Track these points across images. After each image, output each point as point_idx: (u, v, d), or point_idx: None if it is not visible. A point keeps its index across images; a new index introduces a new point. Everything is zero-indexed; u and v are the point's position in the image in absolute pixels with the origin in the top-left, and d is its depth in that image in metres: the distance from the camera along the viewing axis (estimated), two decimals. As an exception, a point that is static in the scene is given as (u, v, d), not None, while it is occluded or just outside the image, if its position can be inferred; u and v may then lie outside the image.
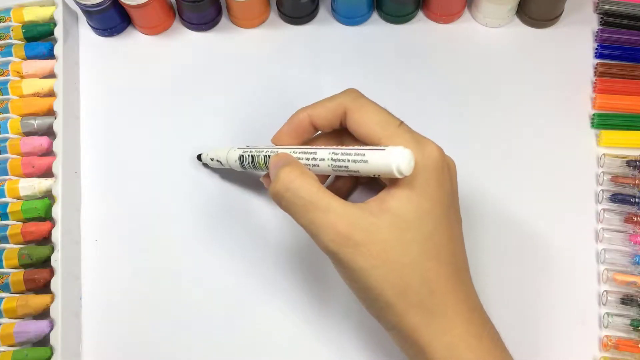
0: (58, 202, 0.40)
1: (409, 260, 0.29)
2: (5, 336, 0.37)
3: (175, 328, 0.39)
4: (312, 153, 0.31)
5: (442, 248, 0.29)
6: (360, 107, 0.31)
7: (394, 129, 0.30)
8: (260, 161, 0.34)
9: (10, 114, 0.43)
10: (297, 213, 0.30)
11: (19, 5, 0.46)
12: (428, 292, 0.29)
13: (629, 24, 0.45)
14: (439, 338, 0.29)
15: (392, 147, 0.29)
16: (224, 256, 0.40)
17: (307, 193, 0.29)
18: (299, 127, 0.34)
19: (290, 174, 0.30)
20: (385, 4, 0.45)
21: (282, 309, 0.39)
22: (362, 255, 0.28)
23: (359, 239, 0.28)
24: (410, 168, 0.28)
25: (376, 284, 0.29)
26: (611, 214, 0.40)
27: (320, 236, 0.29)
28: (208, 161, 0.40)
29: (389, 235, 0.28)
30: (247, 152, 0.36)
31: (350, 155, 0.30)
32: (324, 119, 0.33)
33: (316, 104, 0.33)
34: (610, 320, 0.37)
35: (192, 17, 0.45)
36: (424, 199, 0.29)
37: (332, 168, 0.31)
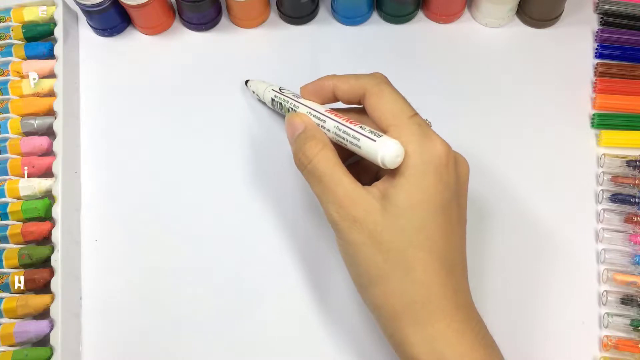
0: (58, 202, 0.40)
1: (397, 246, 0.30)
2: (5, 336, 0.37)
3: (175, 328, 0.39)
4: (322, 120, 0.34)
5: (435, 241, 0.30)
6: (378, 92, 0.32)
7: (404, 119, 0.31)
8: (285, 109, 0.38)
9: (10, 114, 0.43)
10: (313, 182, 0.32)
11: (19, 5, 0.46)
12: (411, 281, 0.29)
13: (629, 24, 0.45)
14: (418, 330, 0.29)
15: (384, 138, 0.30)
16: (223, 256, 0.40)
17: (325, 167, 0.32)
18: (322, 91, 0.35)
19: (314, 148, 0.32)
20: (385, 4, 0.45)
21: (282, 309, 0.39)
22: (356, 230, 0.30)
23: (357, 215, 0.30)
24: (396, 162, 0.30)
25: (363, 260, 0.30)
26: (611, 214, 0.40)
27: (327, 205, 0.31)
28: (251, 91, 0.43)
29: (382, 219, 0.30)
30: (277, 97, 0.39)
31: (349, 136, 0.32)
32: (345, 93, 0.34)
33: (343, 76, 0.35)
34: (610, 320, 0.37)
35: (192, 17, 0.45)
36: (418, 191, 0.30)
37: (336, 140, 0.33)
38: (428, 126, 0.31)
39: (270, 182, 0.42)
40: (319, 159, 0.32)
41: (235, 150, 0.43)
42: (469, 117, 0.43)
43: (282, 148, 0.42)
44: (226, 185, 0.42)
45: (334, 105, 0.36)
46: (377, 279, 0.30)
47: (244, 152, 0.43)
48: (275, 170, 0.42)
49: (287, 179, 0.41)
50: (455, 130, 0.42)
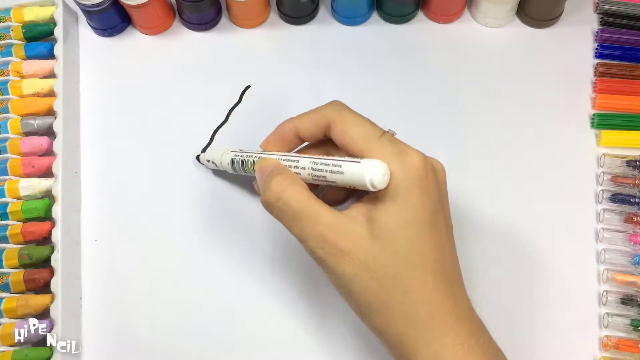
0: (58, 202, 0.40)
1: (392, 270, 0.29)
2: (5, 336, 0.37)
3: (175, 327, 0.39)
4: (295, 161, 0.32)
5: (428, 256, 0.29)
6: (343, 119, 0.32)
7: (375, 140, 0.30)
8: (249, 165, 0.35)
9: (10, 114, 0.43)
10: (287, 222, 0.31)
11: (19, 5, 0.46)
12: (411, 302, 0.29)
13: (629, 24, 0.45)
14: (424, 348, 0.29)
15: (367, 160, 0.29)
16: (223, 256, 0.40)
17: (297, 203, 0.30)
18: (284, 137, 0.35)
19: (282, 183, 0.31)
20: (385, 4, 0.45)
21: (281, 307, 0.39)
22: (346, 263, 0.29)
23: (345, 247, 0.29)
24: (384, 182, 0.29)
25: (358, 290, 0.30)
26: (611, 214, 0.40)
27: (309, 243, 0.30)
28: (205, 162, 0.41)
29: (372, 246, 0.29)
30: (239, 156, 0.37)
31: (328, 166, 0.30)
32: (308, 130, 0.33)
33: (301, 115, 0.34)
34: (610, 320, 0.37)
35: (192, 17, 0.45)
36: (406, 209, 0.29)
37: (313, 177, 0.31)
38: (398, 140, 0.31)
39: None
40: (290, 194, 0.30)
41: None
42: (469, 117, 0.43)
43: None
44: (226, 184, 0.42)
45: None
46: (376, 305, 0.30)
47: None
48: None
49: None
50: (455, 130, 0.43)
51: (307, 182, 0.32)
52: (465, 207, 0.40)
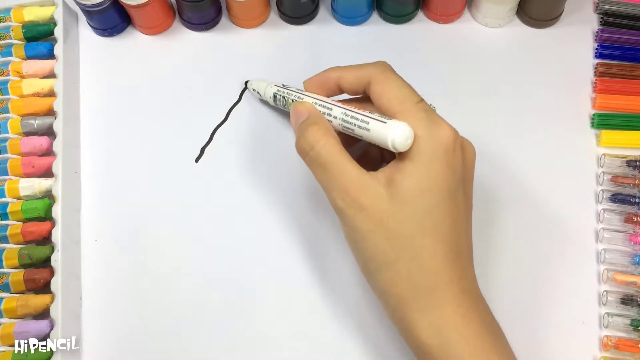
0: (58, 202, 0.40)
1: (404, 233, 0.30)
2: (5, 336, 0.37)
3: (175, 328, 0.39)
4: (328, 108, 0.33)
5: (442, 226, 0.30)
6: (384, 79, 0.32)
7: (411, 105, 0.31)
8: (288, 103, 0.38)
9: (10, 114, 0.43)
10: (316, 170, 0.32)
11: (19, 5, 0.46)
12: (418, 266, 0.30)
13: (629, 24, 0.45)
14: (425, 314, 0.30)
15: (393, 122, 0.30)
16: (223, 256, 0.40)
17: (328, 154, 0.31)
18: (326, 84, 0.35)
19: (316, 133, 0.32)
20: (385, 4, 0.45)
21: (282, 307, 0.39)
22: (363, 218, 0.30)
23: (364, 203, 0.30)
24: (406, 145, 0.29)
25: (369, 246, 0.30)
26: (611, 214, 0.40)
27: (332, 192, 0.31)
28: (251, 90, 0.43)
29: (389, 206, 0.30)
30: (280, 91, 0.39)
31: (357, 120, 0.31)
32: (350, 83, 0.34)
33: (347, 67, 0.35)
34: (610, 320, 0.37)
35: (192, 17, 0.45)
36: (427, 176, 0.30)
37: (342, 127, 0.33)
38: (434, 112, 0.31)
39: (271, 179, 0.42)
40: (322, 145, 0.31)
41: (235, 149, 0.43)
42: (469, 117, 0.43)
43: (282, 146, 0.42)
44: (226, 183, 0.42)
45: (338, 98, 0.36)
46: (383, 265, 0.30)
47: (244, 150, 0.43)
48: (276, 168, 0.42)
49: (287, 177, 0.42)
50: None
51: (339, 130, 0.33)
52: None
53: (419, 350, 0.30)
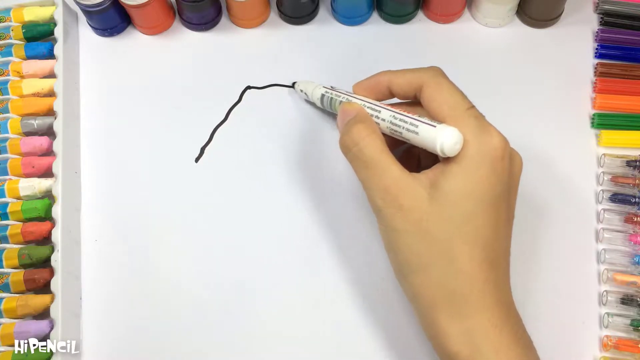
0: (58, 202, 0.40)
1: (443, 236, 0.29)
2: (5, 336, 0.37)
3: (175, 328, 0.39)
4: (377, 110, 0.34)
5: (482, 234, 0.29)
6: (436, 84, 0.32)
7: (462, 111, 0.31)
8: (336, 105, 0.38)
9: (10, 114, 0.43)
10: (358, 167, 0.32)
11: (19, 5, 0.46)
12: (454, 272, 0.29)
13: (629, 24, 0.45)
14: (456, 321, 0.29)
15: (443, 126, 0.30)
16: (223, 255, 0.40)
17: (371, 152, 0.31)
18: (376, 87, 0.36)
19: (362, 131, 0.32)
20: (385, 4, 0.45)
21: (282, 308, 0.39)
22: (401, 218, 0.30)
23: (403, 203, 0.30)
24: (454, 150, 0.29)
25: (404, 248, 0.30)
26: (611, 214, 0.40)
27: (372, 191, 0.31)
28: (298, 91, 0.43)
29: (429, 208, 0.30)
30: (328, 93, 0.39)
31: (406, 123, 0.32)
32: (401, 87, 0.34)
33: (398, 71, 0.35)
34: (610, 320, 0.37)
35: (192, 17, 0.45)
36: (471, 182, 0.29)
37: (390, 130, 0.33)
38: (485, 119, 0.31)
39: (271, 179, 0.42)
40: (367, 143, 0.31)
41: (235, 149, 0.43)
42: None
43: (282, 146, 0.42)
44: (226, 183, 0.42)
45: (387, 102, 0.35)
46: (418, 267, 0.30)
47: (244, 150, 0.43)
48: (276, 167, 0.42)
49: (287, 177, 0.42)
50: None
51: (386, 133, 0.33)
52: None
53: (446, 357, 0.30)
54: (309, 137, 0.43)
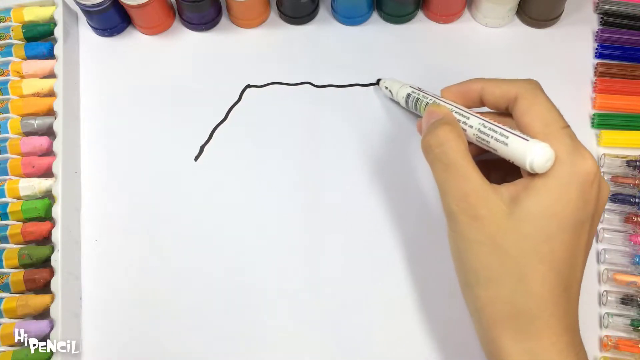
0: (58, 202, 0.40)
1: (516, 253, 0.28)
2: (5, 336, 0.37)
3: (175, 328, 0.39)
4: (465, 117, 0.33)
5: (559, 257, 0.28)
6: (533, 98, 0.31)
7: (556, 129, 0.30)
8: (422, 106, 0.37)
9: (10, 114, 0.43)
10: (438, 169, 0.31)
11: (19, 5, 0.46)
12: (524, 291, 0.28)
13: (629, 24, 0.45)
14: (519, 342, 0.28)
15: (535, 141, 0.29)
16: (223, 255, 0.40)
17: (455, 156, 0.30)
18: (467, 94, 0.35)
19: (448, 133, 0.31)
20: (385, 4, 0.45)
21: (283, 308, 0.39)
22: (476, 227, 0.29)
23: (480, 213, 0.29)
24: (545, 167, 0.28)
25: (474, 258, 0.29)
26: (611, 214, 0.40)
27: (449, 196, 0.30)
28: (383, 88, 0.43)
29: (507, 222, 0.29)
30: (415, 93, 0.38)
31: (496, 133, 0.31)
32: (494, 97, 0.33)
33: (492, 80, 0.34)
34: (610, 320, 0.37)
35: (192, 17, 0.45)
36: (556, 203, 0.28)
37: (476, 138, 0.32)
38: (579, 141, 0.30)
39: (270, 178, 0.42)
40: (451, 146, 0.30)
41: (235, 148, 0.43)
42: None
43: (282, 145, 0.42)
44: (225, 181, 0.42)
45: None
46: (486, 281, 0.29)
47: (243, 149, 0.43)
48: (275, 166, 0.42)
49: (287, 176, 0.42)
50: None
51: (471, 141, 0.32)
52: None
53: None
54: (309, 136, 0.43)
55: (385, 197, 0.41)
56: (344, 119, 0.43)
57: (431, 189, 0.41)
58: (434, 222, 0.40)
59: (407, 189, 0.41)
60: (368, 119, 0.43)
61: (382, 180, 0.41)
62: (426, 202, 0.40)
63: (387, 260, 0.39)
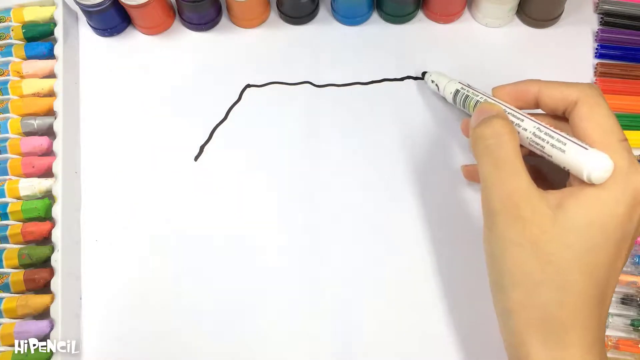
0: (58, 202, 0.40)
1: (559, 261, 0.28)
2: (5, 336, 0.37)
3: (175, 328, 0.39)
4: (519, 119, 0.32)
5: (600, 268, 0.28)
6: (594, 104, 0.30)
7: (614, 141, 0.29)
8: (471, 104, 0.36)
9: (10, 114, 0.43)
10: (487, 161, 0.30)
11: (19, 5, 0.46)
12: (561, 301, 0.28)
13: (629, 24, 0.45)
14: (548, 349, 0.28)
15: (595, 151, 0.28)
16: (224, 255, 0.40)
17: (508, 151, 0.30)
18: (522, 95, 0.34)
19: (504, 127, 0.30)
20: (385, 4, 0.45)
21: (284, 308, 0.39)
22: (517, 228, 0.28)
23: (524, 214, 0.28)
24: (602, 179, 0.28)
25: (511, 260, 0.29)
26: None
27: (493, 191, 0.30)
28: (429, 81, 0.42)
29: (551, 228, 0.28)
30: (464, 90, 0.37)
31: (552, 138, 0.30)
32: (552, 99, 0.32)
33: (551, 82, 0.33)
34: (610, 320, 0.37)
35: (192, 17, 0.45)
36: (605, 215, 0.28)
37: (529, 142, 0.31)
38: (634, 156, 0.29)
39: (270, 178, 0.42)
40: (506, 140, 0.30)
41: (235, 148, 0.43)
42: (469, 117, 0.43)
43: (281, 145, 0.42)
44: (225, 182, 0.42)
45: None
46: (522, 284, 0.28)
47: (243, 149, 0.43)
48: (275, 166, 0.42)
49: (286, 175, 0.42)
50: (454, 129, 0.43)
51: (523, 144, 0.31)
52: (463, 207, 0.40)
53: None
54: (309, 135, 0.43)
55: (385, 197, 0.41)
56: (344, 119, 0.43)
57: (433, 188, 0.41)
58: (434, 221, 0.40)
59: (407, 188, 0.41)
60: (368, 119, 0.43)
61: (382, 180, 0.41)
62: (427, 202, 0.40)
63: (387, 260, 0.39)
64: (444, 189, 0.41)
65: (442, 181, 0.41)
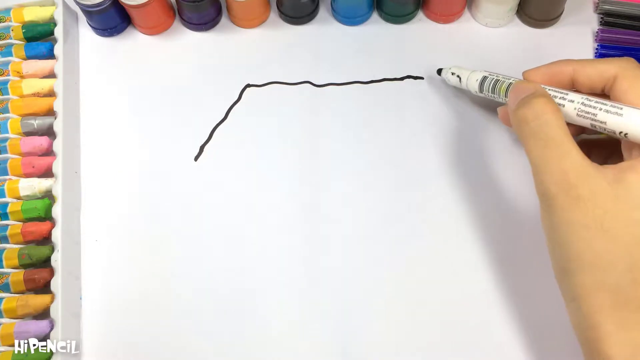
0: (58, 202, 0.40)
1: (627, 239, 0.27)
2: (5, 336, 0.37)
3: (175, 328, 0.39)
4: (563, 92, 0.31)
5: None
6: (634, 77, 0.29)
7: None
8: (502, 87, 0.34)
9: (10, 114, 0.43)
10: (534, 144, 0.29)
11: (19, 5, 0.46)
12: (631, 280, 0.27)
13: (629, 24, 0.45)
14: (622, 330, 0.27)
15: None
16: (224, 255, 0.40)
17: (555, 130, 0.28)
18: (556, 76, 0.33)
19: (545, 105, 0.29)
20: (385, 4, 0.45)
21: (285, 308, 0.39)
22: (580, 209, 0.27)
23: (583, 194, 0.27)
24: None
25: (577, 243, 0.28)
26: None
27: (545, 175, 0.28)
28: (448, 76, 0.41)
29: (613, 205, 0.27)
30: (492, 76, 0.36)
31: (606, 106, 0.29)
32: (589, 78, 0.31)
33: (585, 60, 0.32)
34: (610, 320, 0.37)
35: (192, 17, 0.45)
36: None
37: (578, 112, 0.30)
38: None
39: (269, 178, 0.42)
40: (550, 119, 0.28)
41: (234, 147, 0.43)
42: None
43: (281, 145, 0.42)
44: (225, 181, 0.42)
45: None
46: (591, 266, 0.27)
47: (243, 148, 0.43)
48: (275, 166, 0.42)
49: (286, 175, 0.42)
50: (455, 130, 0.43)
51: (568, 118, 0.30)
52: (463, 205, 0.40)
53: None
54: (309, 135, 0.43)
55: (386, 196, 0.41)
56: (344, 118, 0.43)
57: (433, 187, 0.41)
58: (433, 221, 0.40)
59: (407, 187, 0.41)
60: (368, 118, 0.43)
61: (382, 179, 0.41)
62: (427, 201, 0.40)
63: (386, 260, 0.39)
64: (444, 188, 0.41)
65: (442, 180, 0.41)
